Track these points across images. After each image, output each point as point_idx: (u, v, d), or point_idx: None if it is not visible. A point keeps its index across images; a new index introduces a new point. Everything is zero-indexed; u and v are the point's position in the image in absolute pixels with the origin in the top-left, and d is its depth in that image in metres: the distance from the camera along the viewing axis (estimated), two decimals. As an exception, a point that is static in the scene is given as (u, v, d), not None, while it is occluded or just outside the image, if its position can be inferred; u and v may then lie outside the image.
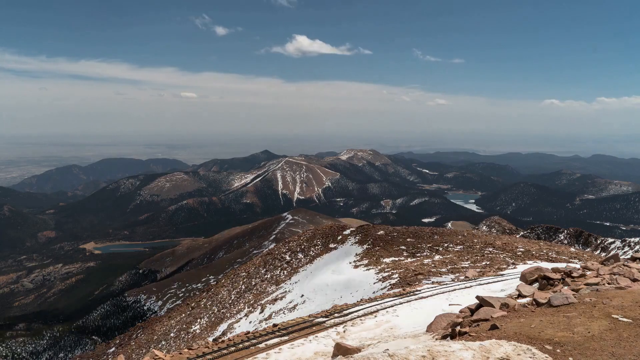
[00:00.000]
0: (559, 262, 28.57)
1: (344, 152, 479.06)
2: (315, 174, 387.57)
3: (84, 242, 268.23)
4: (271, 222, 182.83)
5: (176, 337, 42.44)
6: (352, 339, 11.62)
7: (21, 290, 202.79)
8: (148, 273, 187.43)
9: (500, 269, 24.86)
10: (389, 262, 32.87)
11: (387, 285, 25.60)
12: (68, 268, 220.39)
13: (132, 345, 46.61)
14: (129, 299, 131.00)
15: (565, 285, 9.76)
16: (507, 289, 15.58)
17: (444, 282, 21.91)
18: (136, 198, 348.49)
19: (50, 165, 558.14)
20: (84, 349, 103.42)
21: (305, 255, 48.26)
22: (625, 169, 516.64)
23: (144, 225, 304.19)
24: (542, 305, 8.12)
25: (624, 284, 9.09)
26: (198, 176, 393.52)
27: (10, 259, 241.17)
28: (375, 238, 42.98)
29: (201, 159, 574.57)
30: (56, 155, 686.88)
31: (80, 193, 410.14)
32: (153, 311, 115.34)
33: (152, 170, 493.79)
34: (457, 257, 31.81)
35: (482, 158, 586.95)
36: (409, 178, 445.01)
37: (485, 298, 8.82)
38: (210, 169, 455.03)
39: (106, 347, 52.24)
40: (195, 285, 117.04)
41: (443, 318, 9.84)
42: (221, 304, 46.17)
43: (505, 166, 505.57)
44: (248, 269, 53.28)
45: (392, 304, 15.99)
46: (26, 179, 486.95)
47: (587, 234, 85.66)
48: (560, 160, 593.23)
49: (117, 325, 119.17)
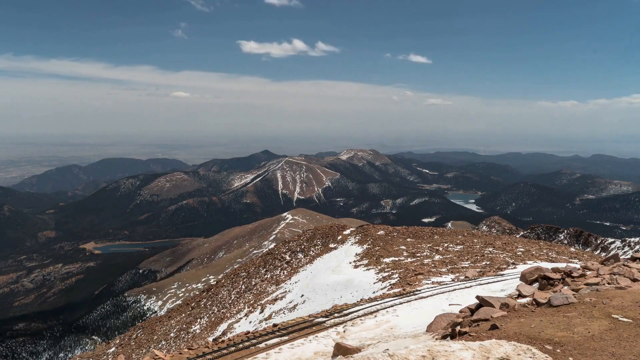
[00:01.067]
0: (559, 262, 28.56)
1: (344, 152, 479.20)
2: (315, 174, 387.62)
3: (84, 242, 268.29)
4: (271, 222, 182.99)
5: (176, 337, 42.44)
6: (352, 339, 11.62)
7: (21, 290, 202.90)
8: (148, 273, 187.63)
9: (500, 269, 24.86)
10: (389, 262, 32.87)
11: (387, 285, 25.60)
12: (68, 268, 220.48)
13: (132, 345, 46.60)
14: (129, 299, 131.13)
15: (565, 285, 9.77)
16: (507, 289, 15.59)
17: (444, 282, 21.92)
18: (136, 198, 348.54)
19: (50, 165, 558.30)
20: (84, 349, 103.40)
21: (305, 255, 48.28)
22: (625, 169, 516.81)
23: (144, 225, 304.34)
24: (542, 305, 8.12)
25: (624, 284, 9.09)
26: (198, 176, 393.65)
27: (10, 259, 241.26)
28: (375, 238, 42.99)
29: (201, 159, 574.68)
30: (56, 155, 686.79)
31: (80, 193, 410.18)
32: (153, 311, 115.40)
33: (152, 170, 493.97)
34: (457, 257, 31.81)
35: (482, 158, 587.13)
36: (409, 178, 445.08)
37: (485, 298, 8.83)
38: (210, 169, 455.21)
39: (106, 347, 52.23)
40: (195, 285, 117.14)
41: (443, 318, 9.85)
42: (221, 304, 46.17)
43: (505, 166, 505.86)
44: (248, 269, 53.30)
45: (392, 303, 16.00)
46: (26, 179, 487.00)
47: (587, 234, 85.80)
48: (560, 160, 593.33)
49: (117, 325, 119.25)
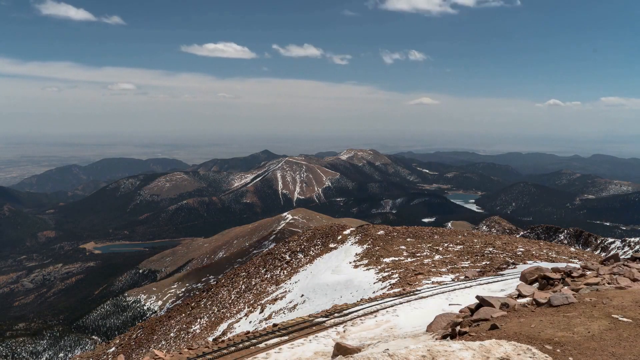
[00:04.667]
0: (559, 262, 28.56)
1: (344, 152, 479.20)
2: (315, 174, 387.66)
3: (84, 242, 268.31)
4: (271, 222, 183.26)
5: (176, 337, 42.44)
6: (352, 338, 11.62)
7: (21, 290, 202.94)
8: (148, 273, 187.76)
9: (500, 269, 24.86)
10: (389, 262, 32.86)
11: (387, 285, 25.60)
12: (68, 268, 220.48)
13: (132, 345, 46.60)
14: (129, 299, 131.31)
15: (565, 285, 9.77)
16: (507, 289, 15.59)
17: (444, 282, 21.92)
18: (136, 198, 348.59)
19: (50, 165, 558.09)
20: (84, 349, 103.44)
21: (305, 255, 48.28)
22: (625, 169, 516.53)
23: (144, 225, 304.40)
24: (542, 305, 8.12)
25: (624, 283, 9.10)
26: (198, 176, 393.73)
27: (10, 258, 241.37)
28: (375, 238, 42.98)
29: (201, 158, 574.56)
30: (56, 155, 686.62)
31: (80, 193, 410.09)
32: (153, 311, 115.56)
33: (152, 170, 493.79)
34: (457, 257, 31.82)
35: (482, 158, 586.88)
36: (409, 178, 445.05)
37: (485, 298, 8.82)
38: (210, 168, 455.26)
39: (106, 347, 52.21)
40: (195, 285, 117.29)
41: (443, 318, 9.84)
42: (221, 303, 46.17)
43: (505, 166, 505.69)
44: (248, 269, 53.31)
45: (392, 303, 15.99)
46: (26, 178, 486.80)
47: (587, 233, 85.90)
48: (560, 160, 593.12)
49: (117, 325, 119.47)
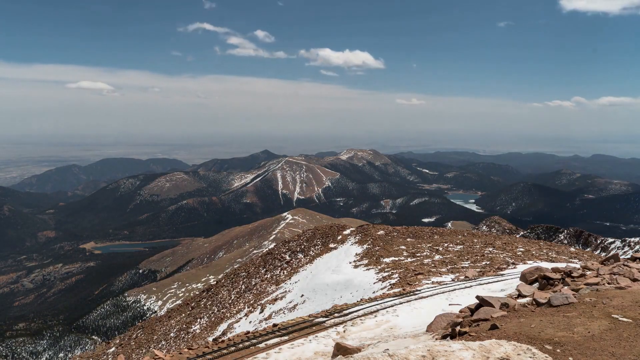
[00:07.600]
0: (559, 262, 28.56)
1: (344, 152, 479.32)
2: (315, 174, 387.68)
3: (84, 242, 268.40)
4: (271, 222, 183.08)
5: (176, 337, 42.45)
6: (352, 338, 11.62)
7: (21, 290, 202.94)
8: (148, 273, 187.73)
9: (500, 269, 24.86)
10: (389, 262, 32.86)
11: (387, 285, 25.60)
12: (68, 268, 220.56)
13: (132, 345, 46.60)
14: (129, 299, 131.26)
15: (565, 285, 9.76)
16: (507, 289, 15.59)
17: (444, 282, 21.91)
18: (136, 198, 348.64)
19: (50, 165, 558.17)
20: (84, 349, 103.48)
21: (305, 255, 48.29)
22: (625, 169, 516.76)
23: (144, 225, 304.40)
24: (542, 305, 8.12)
25: (624, 283, 9.09)
26: (198, 176, 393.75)
27: (10, 259, 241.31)
28: (375, 238, 42.97)
29: (201, 158, 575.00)
30: (56, 155, 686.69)
31: (80, 193, 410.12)
32: (153, 311, 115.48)
33: (152, 170, 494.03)
34: (457, 257, 31.81)
35: (482, 158, 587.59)
36: (409, 178, 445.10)
37: (485, 298, 8.82)
38: (210, 169, 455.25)
39: (106, 347, 52.24)
40: (195, 285, 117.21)
41: (443, 318, 9.84)
42: (221, 303, 46.18)
43: (505, 166, 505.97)
44: (248, 269, 53.33)
45: (392, 303, 15.99)
46: (26, 178, 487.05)
47: (587, 233, 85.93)
48: (560, 160, 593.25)
49: (117, 325, 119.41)
